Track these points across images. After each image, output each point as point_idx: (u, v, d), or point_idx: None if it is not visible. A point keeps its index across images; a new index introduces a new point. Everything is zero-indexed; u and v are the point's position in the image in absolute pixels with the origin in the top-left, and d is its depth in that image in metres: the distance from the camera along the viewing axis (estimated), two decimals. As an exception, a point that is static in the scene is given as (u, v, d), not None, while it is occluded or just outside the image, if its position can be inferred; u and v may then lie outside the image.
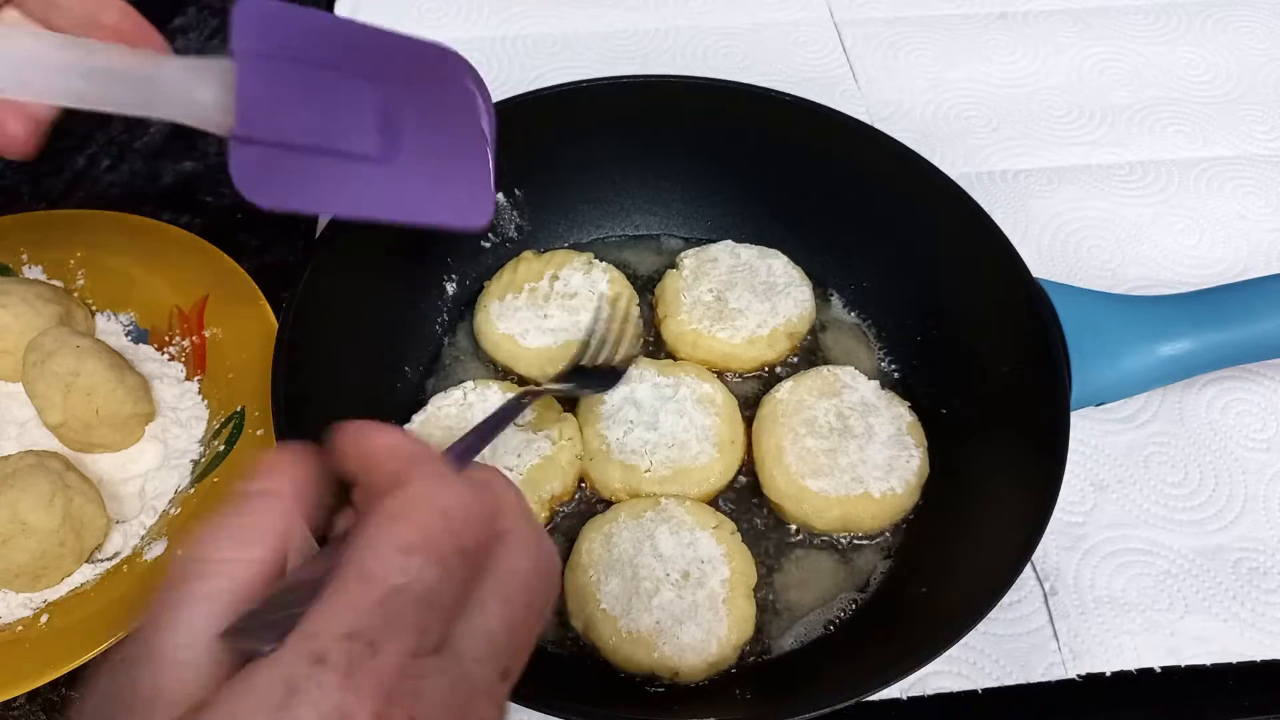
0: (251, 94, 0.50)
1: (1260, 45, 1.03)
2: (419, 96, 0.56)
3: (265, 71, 0.51)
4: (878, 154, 0.74)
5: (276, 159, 0.51)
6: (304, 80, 0.52)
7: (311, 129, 0.52)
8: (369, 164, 0.54)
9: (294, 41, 0.52)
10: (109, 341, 0.74)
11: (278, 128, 0.51)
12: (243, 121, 0.50)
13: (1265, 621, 0.65)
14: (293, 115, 0.51)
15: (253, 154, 0.51)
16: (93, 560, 0.65)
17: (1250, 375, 0.77)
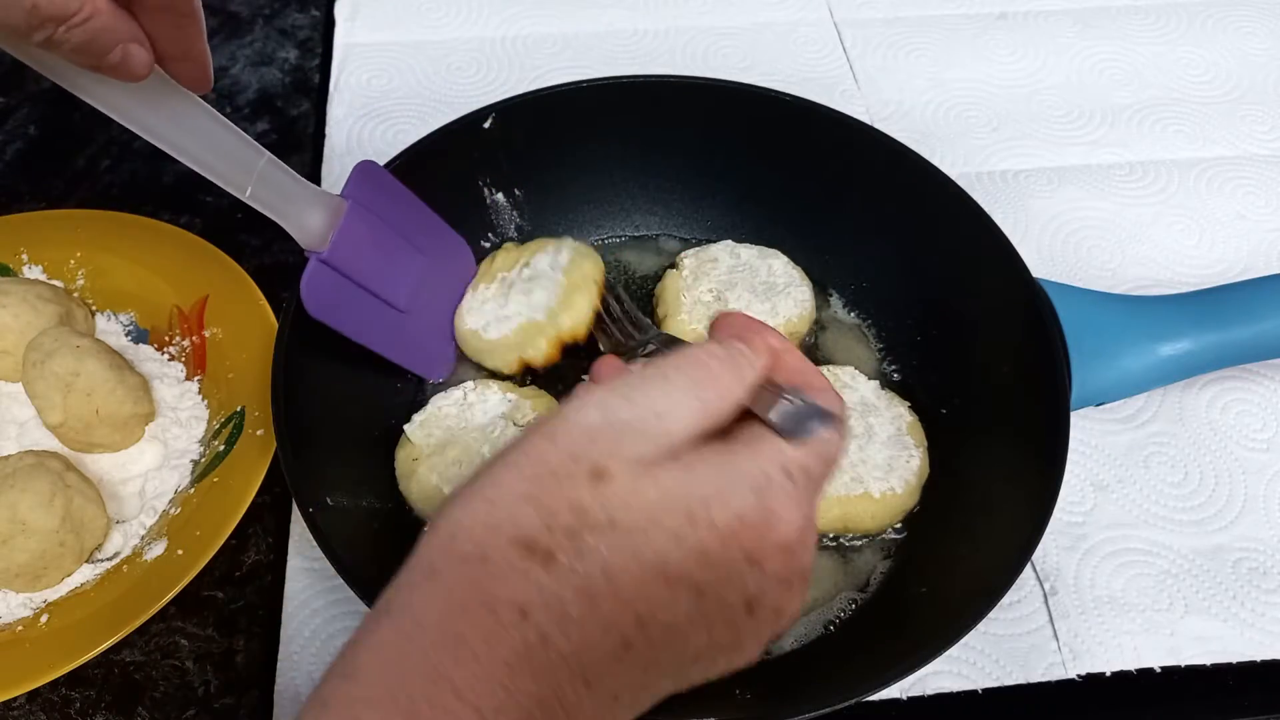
0: (347, 232, 0.62)
1: (1260, 45, 1.03)
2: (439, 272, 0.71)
3: (363, 218, 0.64)
4: (878, 154, 0.74)
5: (338, 285, 0.63)
6: (381, 236, 0.65)
7: (372, 272, 0.65)
8: (393, 311, 0.68)
9: (385, 203, 0.66)
10: (109, 341, 0.74)
11: (352, 263, 0.63)
12: (332, 250, 0.62)
13: (1265, 621, 0.65)
14: (364, 258, 0.64)
15: (324, 276, 0.62)
16: (93, 560, 0.65)
17: (1250, 375, 0.77)
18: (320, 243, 0.61)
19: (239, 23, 1.05)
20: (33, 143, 0.93)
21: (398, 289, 0.67)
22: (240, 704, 0.61)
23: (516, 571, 0.34)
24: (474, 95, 0.96)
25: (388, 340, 0.67)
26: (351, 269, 0.63)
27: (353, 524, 0.60)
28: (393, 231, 0.66)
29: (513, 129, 0.75)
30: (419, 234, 0.69)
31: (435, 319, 0.72)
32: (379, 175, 0.66)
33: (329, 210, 0.62)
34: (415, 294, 0.69)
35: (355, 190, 0.64)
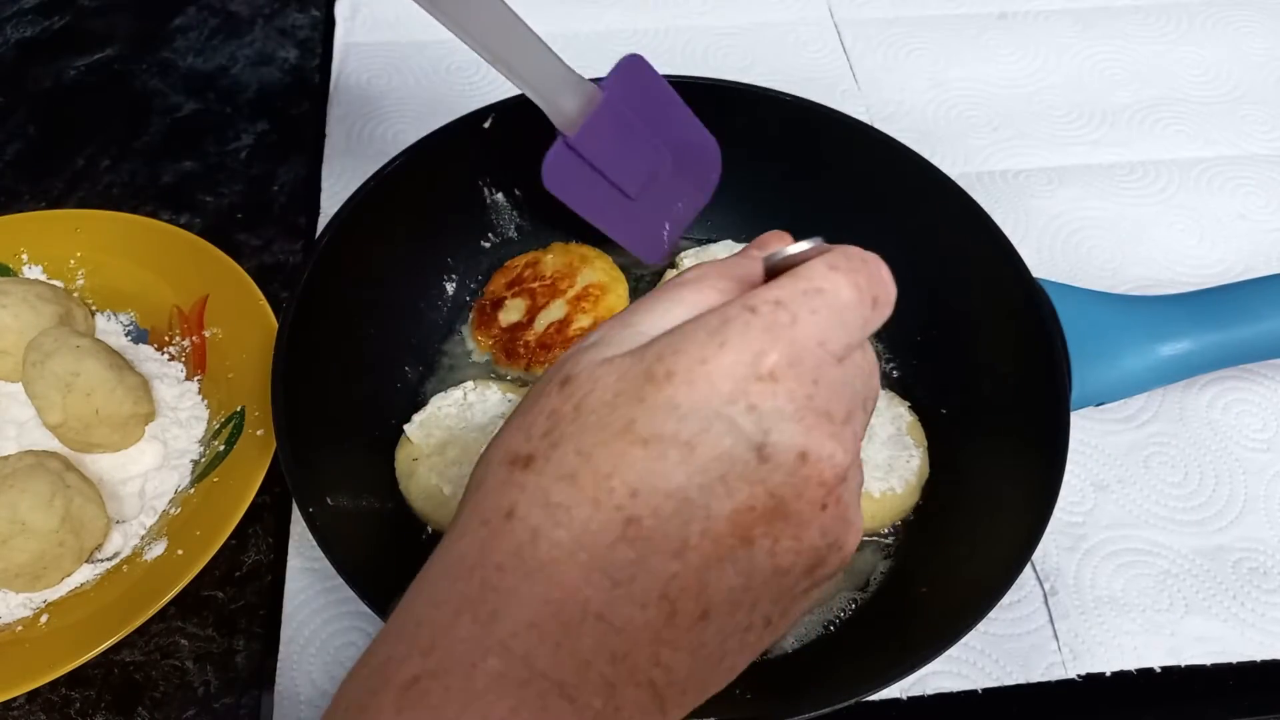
0: (597, 122, 0.66)
1: (1260, 45, 1.03)
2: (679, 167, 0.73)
3: (614, 111, 0.66)
4: (878, 154, 0.74)
5: (578, 167, 0.68)
6: (629, 128, 0.69)
7: (614, 161, 0.69)
8: (624, 197, 0.71)
9: (643, 98, 0.68)
10: (109, 341, 0.74)
11: (597, 151, 0.67)
12: (579, 137, 0.66)
13: (1265, 621, 0.65)
14: (609, 147, 0.68)
15: (567, 158, 0.67)
16: (93, 560, 0.65)
17: (1250, 375, 0.77)
18: (571, 126, 0.65)
19: (239, 23, 1.05)
20: (33, 143, 0.93)
21: (632, 179, 0.70)
22: (240, 704, 0.61)
23: (504, 482, 0.34)
24: (474, 95, 0.96)
25: (611, 219, 0.72)
26: (592, 155, 0.67)
27: (353, 524, 0.60)
28: (643, 127, 0.69)
29: (513, 129, 0.75)
30: (669, 131, 0.71)
31: (663, 208, 0.75)
32: (643, 71, 0.68)
33: (584, 98, 0.65)
34: (648, 184, 0.72)
35: (614, 84, 0.66)
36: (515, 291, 0.77)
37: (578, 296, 0.75)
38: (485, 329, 0.75)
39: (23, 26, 1.04)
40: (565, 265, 0.77)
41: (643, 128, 0.69)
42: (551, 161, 0.66)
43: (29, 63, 1.00)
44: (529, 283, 0.77)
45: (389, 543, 0.64)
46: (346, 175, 0.88)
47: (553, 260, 0.78)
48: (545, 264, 0.78)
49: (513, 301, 0.76)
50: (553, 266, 0.78)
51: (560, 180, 0.67)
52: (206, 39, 1.03)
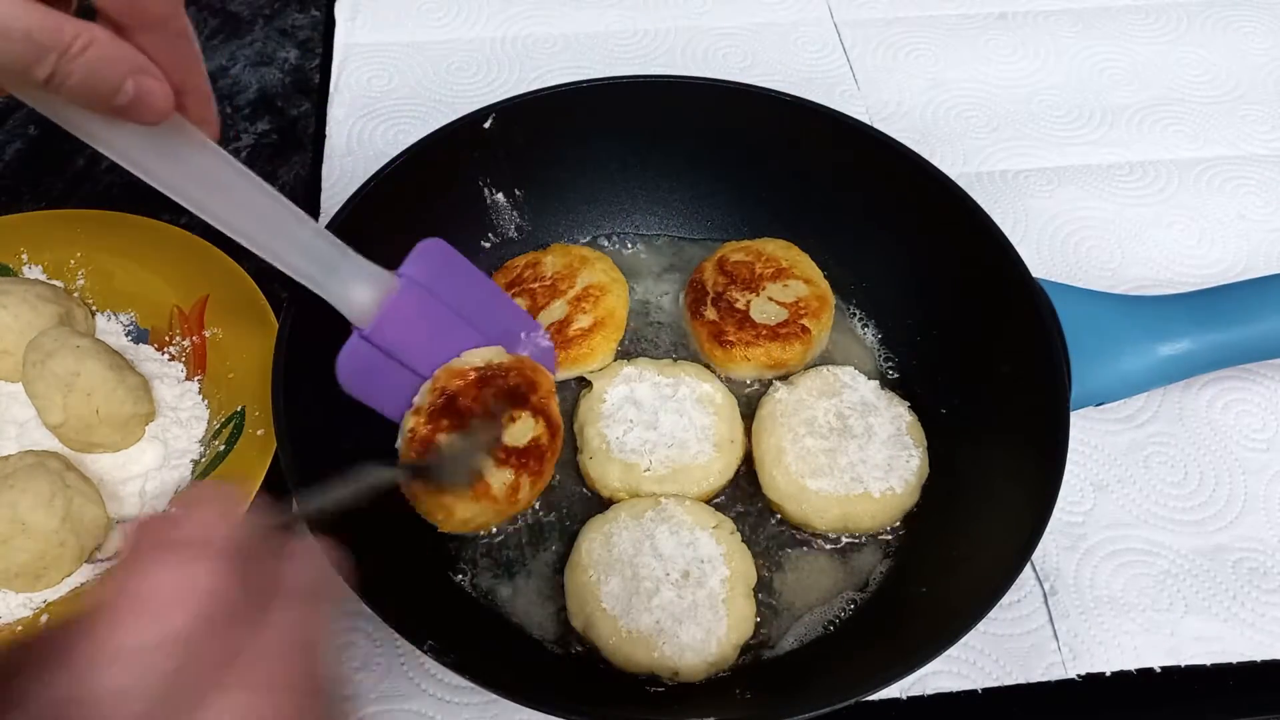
0: (394, 311, 0.59)
1: (1260, 45, 1.03)
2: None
3: (413, 298, 0.60)
4: (878, 154, 0.74)
5: (375, 360, 0.60)
6: (433, 314, 0.62)
7: (416, 352, 0.62)
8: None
9: (446, 282, 0.62)
10: (109, 341, 0.74)
11: (396, 341, 0.60)
12: (376, 328, 0.59)
13: (1265, 621, 0.65)
14: (411, 336, 0.61)
15: (362, 350, 0.59)
16: (93, 560, 0.65)
17: (1250, 375, 0.77)
18: (364, 319, 0.58)
19: (239, 23, 1.05)
20: (33, 143, 0.93)
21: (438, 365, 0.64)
22: (240, 704, 0.61)
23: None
24: (474, 95, 0.96)
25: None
26: (393, 347, 0.60)
27: (353, 524, 0.60)
28: (449, 311, 0.63)
29: (513, 129, 0.75)
30: (484, 316, 0.65)
31: None
32: (444, 253, 0.63)
33: (377, 286, 0.58)
34: None
35: (413, 267, 0.60)
36: (515, 291, 0.77)
37: (578, 297, 0.75)
38: (485, 329, 0.75)
39: (23, 26, 1.04)
40: (565, 266, 0.77)
41: (449, 314, 0.63)
42: (346, 359, 0.59)
43: (29, 63, 1.00)
44: (529, 283, 0.77)
45: (389, 542, 0.64)
46: (346, 175, 0.88)
47: (553, 261, 0.78)
48: (546, 264, 0.78)
49: (513, 300, 0.76)
50: (553, 267, 0.78)
51: (356, 377, 0.60)
52: (206, 39, 1.03)
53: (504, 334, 0.67)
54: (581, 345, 0.73)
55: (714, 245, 0.80)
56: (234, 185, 0.52)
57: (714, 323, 0.74)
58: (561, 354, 0.73)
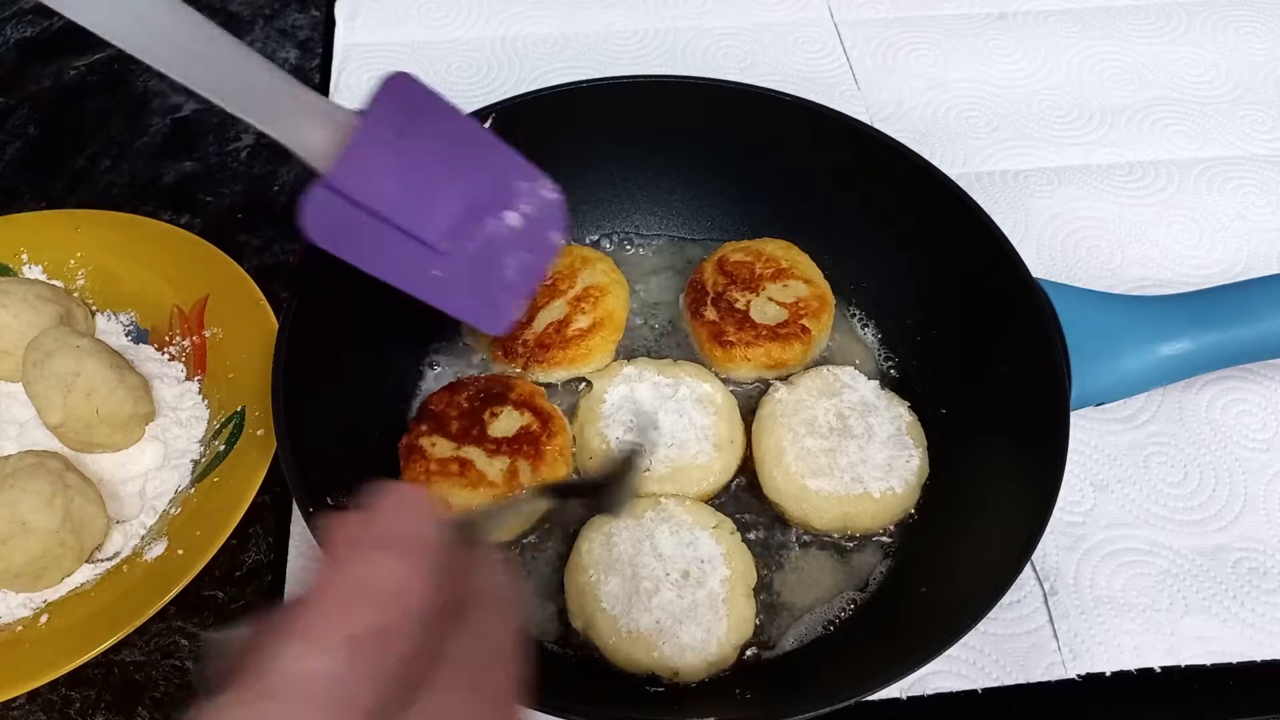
0: (359, 153, 0.52)
1: (1260, 45, 1.03)
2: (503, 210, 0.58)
3: (380, 139, 0.53)
4: (878, 154, 0.74)
5: (348, 212, 0.53)
6: (409, 159, 0.54)
7: (394, 202, 0.54)
8: (424, 248, 0.56)
9: (420, 123, 0.54)
10: (109, 341, 0.74)
11: (365, 190, 0.53)
12: (338, 173, 0.52)
13: (1265, 621, 0.65)
14: (383, 183, 0.53)
15: (330, 200, 0.53)
16: (93, 560, 0.65)
17: (1250, 375, 0.77)
18: (324, 161, 0.53)
19: (239, 23, 1.05)
20: (33, 143, 0.93)
21: (430, 223, 0.55)
22: (240, 704, 0.61)
23: None
24: (474, 95, 0.96)
25: (418, 280, 0.58)
26: (366, 196, 0.53)
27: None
28: (428, 157, 0.55)
29: (513, 129, 0.74)
30: (470, 163, 0.57)
31: (492, 263, 0.59)
32: (416, 89, 0.55)
33: (337, 126, 0.53)
34: (460, 232, 0.57)
35: (379, 107, 0.53)
36: (515, 291, 0.77)
37: (578, 297, 0.75)
38: (485, 329, 0.75)
39: (23, 26, 1.04)
40: (566, 266, 0.77)
41: (428, 158, 0.55)
42: (311, 207, 0.53)
43: (29, 63, 1.00)
44: (529, 283, 0.77)
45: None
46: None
47: (553, 261, 0.78)
48: (545, 264, 0.78)
49: (513, 301, 0.76)
50: (553, 267, 0.77)
51: (329, 230, 0.54)
52: (206, 39, 1.03)
53: (495, 182, 0.58)
54: (580, 345, 0.73)
55: (714, 245, 0.80)
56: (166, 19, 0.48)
57: (714, 323, 0.74)
58: (560, 354, 0.73)
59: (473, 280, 0.59)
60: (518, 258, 0.60)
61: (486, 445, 0.67)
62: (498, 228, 0.59)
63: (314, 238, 0.54)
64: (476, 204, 0.57)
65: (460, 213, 0.57)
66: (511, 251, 0.60)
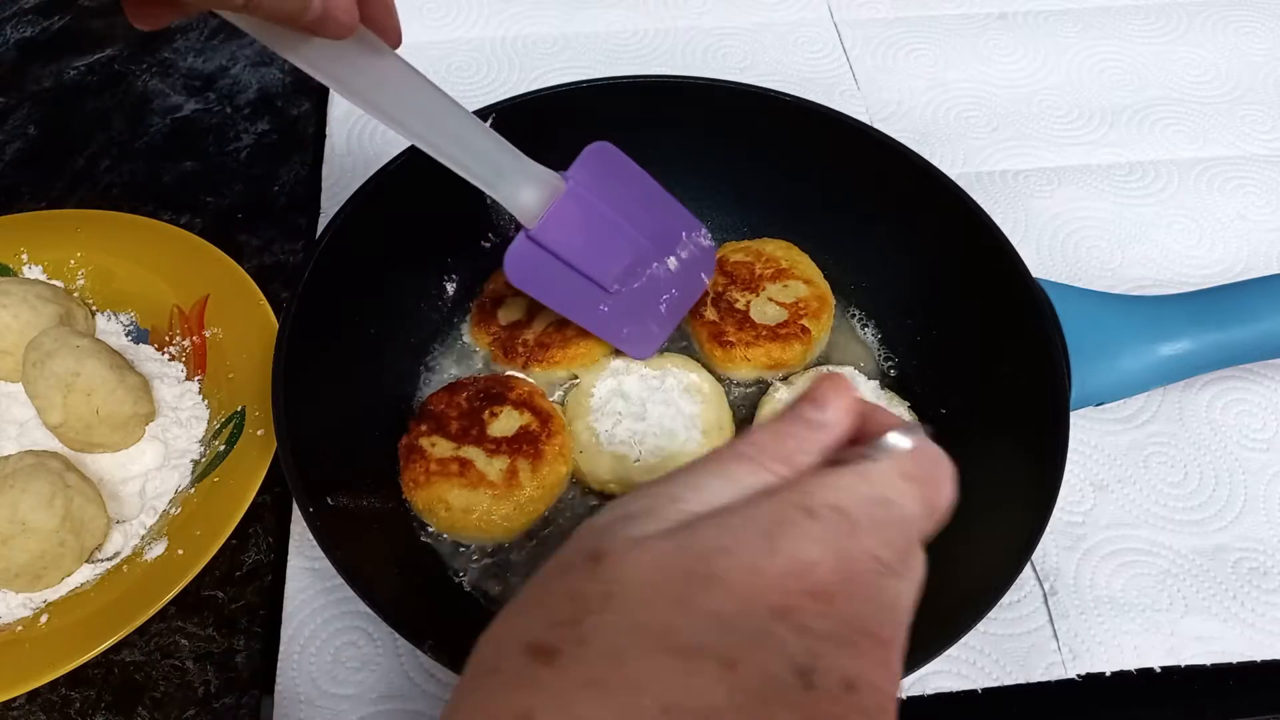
0: (560, 213, 0.62)
1: (1260, 45, 1.03)
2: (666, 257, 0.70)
3: (578, 201, 0.63)
4: (878, 154, 0.74)
5: (541, 260, 0.64)
6: (597, 216, 0.64)
7: (580, 253, 0.64)
8: (596, 287, 0.67)
9: (612, 185, 0.65)
10: (109, 341, 0.74)
11: (561, 242, 0.63)
12: (542, 229, 0.62)
13: (1265, 621, 0.65)
14: (576, 237, 0.64)
15: (530, 251, 0.63)
16: (93, 560, 0.65)
17: (1250, 375, 0.77)
18: (531, 219, 0.62)
19: (239, 23, 1.05)
20: (33, 143, 0.93)
21: (607, 270, 0.66)
22: (240, 704, 0.61)
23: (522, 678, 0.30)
24: (474, 95, 0.96)
25: (588, 313, 0.68)
26: (559, 248, 0.63)
27: (353, 524, 0.60)
28: (613, 214, 0.65)
29: (513, 129, 0.75)
30: (648, 219, 0.67)
31: (649, 300, 0.71)
32: (611, 156, 0.65)
33: (545, 188, 0.62)
34: (628, 275, 0.68)
35: (580, 171, 0.63)
36: (515, 290, 0.77)
37: (578, 296, 0.75)
38: (484, 326, 0.75)
39: (23, 26, 1.04)
40: (565, 265, 0.77)
41: (613, 217, 0.65)
42: (514, 256, 0.63)
43: (29, 63, 1.00)
44: (529, 283, 0.77)
45: (389, 543, 0.64)
46: (346, 175, 0.88)
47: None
48: (545, 264, 0.78)
49: (513, 300, 0.76)
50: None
51: (525, 274, 0.64)
52: (206, 39, 1.03)
53: (666, 234, 0.69)
54: (580, 345, 0.73)
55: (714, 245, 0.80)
56: (415, 92, 0.55)
57: (714, 323, 0.74)
58: (560, 353, 0.73)
59: (630, 314, 0.70)
60: (670, 296, 0.72)
61: (486, 445, 0.67)
62: (659, 270, 0.70)
63: (512, 278, 0.63)
64: (645, 252, 0.68)
65: (632, 261, 0.67)
66: (666, 290, 0.71)
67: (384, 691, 0.61)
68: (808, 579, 0.31)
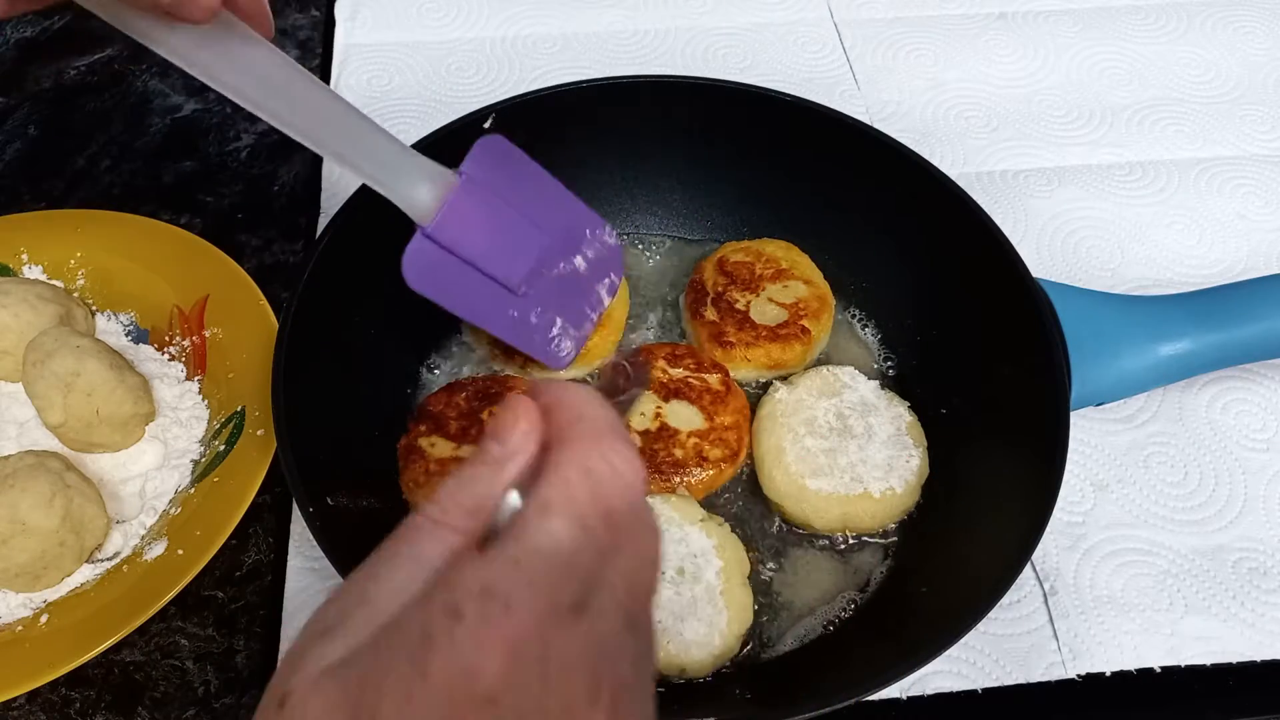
0: (456, 208, 0.60)
1: (1260, 45, 1.03)
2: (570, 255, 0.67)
3: (474, 195, 0.60)
4: (878, 154, 0.74)
5: (441, 260, 0.61)
6: (496, 212, 0.62)
7: (482, 251, 0.62)
8: (503, 290, 0.64)
9: (507, 180, 0.62)
10: (109, 341, 0.74)
11: (460, 240, 0.60)
12: (438, 226, 0.59)
13: (1265, 621, 0.65)
14: (474, 234, 0.61)
15: (427, 250, 0.60)
16: (93, 560, 0.65)
17: (1250, 375, 0.77)
18: (426, 216, 0.59)
19: (239, 23, 1.05)
20: (33, 143, 0.93)
21: (512, 269, 0.63)
22: (240, 704, 0.61)
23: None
24: (474, 95, 0.96)
25: (496, 319, 0.65)
26: (459, 246, 0.61)
27: (353, 524, 0.60)
28: (513, 211, 0.62)
29: (513, 129, 0.75)
30: (548, 215, 0.64)
31: (562, 303, 0.68)
32: (505, 149, 0.63)
33: (437, 184, 0.59)
34: (535, 276, 0.65)
35: (473, 165, 0.61)
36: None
37: (578, 296, 0.75)
38: (485, 328, 0.75)
39: (23, 26, 1.04)
40: (565, 265, 0.77)
41: (512, 211, 0.62)
42: (411, 256, 0.60)
43: (29, 63, 1.00)
44: (529, 283, 0.77)
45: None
46: (346, 175, 0.88)
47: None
48: (545, 264, 0.78)
49: (513, 301, 0.76)
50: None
51: (424, 276, 0.60)
52: (206, 39, 1.03)
53: (568, 231, 0.66)
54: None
55: (714, 245, 0.81)
56: (292, 84, 0.53)
57: (714, 323, 0.74)
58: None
59: (543, 319, 0.67)
60: (580, 298, 0.69)
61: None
62: (566, 269, 0.67)
63: (410, 281, 0.60)
64: (550, 251, 0.65)
65: (537, 259, 0.64)
66: (578, 291, 0.68)
67: (384, 691, 0.61)
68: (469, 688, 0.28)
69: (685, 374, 0.72)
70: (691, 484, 0.67)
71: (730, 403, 0.71)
